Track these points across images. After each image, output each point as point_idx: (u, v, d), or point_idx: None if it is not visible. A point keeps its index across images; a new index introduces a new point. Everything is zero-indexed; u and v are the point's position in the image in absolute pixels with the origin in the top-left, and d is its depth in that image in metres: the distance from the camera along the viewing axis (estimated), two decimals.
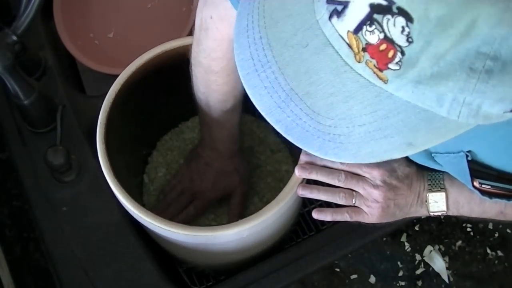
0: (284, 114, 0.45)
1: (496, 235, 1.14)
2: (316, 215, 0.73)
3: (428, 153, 0.69)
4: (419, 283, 1.10)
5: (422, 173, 0.70)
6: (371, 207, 0.69)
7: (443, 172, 0.70)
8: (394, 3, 0.37)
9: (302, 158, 0.73)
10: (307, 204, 0.99)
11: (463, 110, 0.40)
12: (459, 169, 0.62)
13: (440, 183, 0.69)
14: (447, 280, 1.10)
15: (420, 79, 0.39)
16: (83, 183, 0.86)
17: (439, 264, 1.11)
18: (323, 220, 0.74)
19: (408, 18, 0.37)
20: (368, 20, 0.39)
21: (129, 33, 1.06)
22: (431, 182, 0.69)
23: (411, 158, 0.75)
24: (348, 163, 0.70)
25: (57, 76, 0.94)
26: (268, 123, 1.00)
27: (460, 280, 1.11)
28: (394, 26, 0.38)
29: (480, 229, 1.14)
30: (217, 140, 0.85)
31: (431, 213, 0.70)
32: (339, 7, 0.40)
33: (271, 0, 0.45)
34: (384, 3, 0.38)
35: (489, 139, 0.56)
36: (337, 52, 0.42)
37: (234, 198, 0.90)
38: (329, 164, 0.71)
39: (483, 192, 0.61)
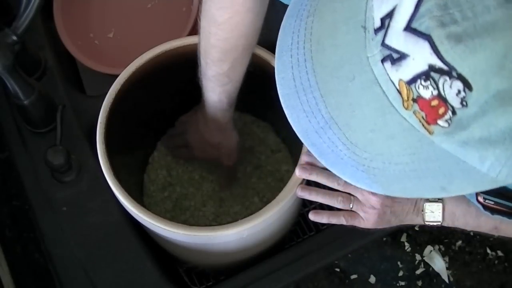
0: (320, 139, 0.45)
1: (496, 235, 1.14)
2: (312, 216, 0.74)
3: None
4: (419, 283, 1.10)
5: None
6: (368, 212, 0.69)
7: None
8: (455, 69, 0.36)
9: (303, 158, 0.73)
10: (307, 204, 0.99)
11: (503, 170, 0.39)
12: None
13: None
14: (447, 280, 1.10)
15: (468, 141, 0.39)
16: (83, 183, 0.86)
17: (439, 264, 1.11)
18: (319, 222, 0.74)
19: (467, 85, 0.36)
20: (424, 75, 0.38)
21: (129, 33, 1.06)
22: None
23: None
24: None
25: (57, 76, 0.94)
26: (268, 123, 1.00)
27: (460, 280, 1.11)
28: (450, 88, 0.37)
29: None
30: (207, 105, 0.80)
31: (426, 223, 0.70)
32: (395, 55, 0.39)
33: (320, 24, 0.44)
34: (445, 68, 0.37)
35: None
36: (384, 93, 0.41)
37: (220, 170, 0.91)
38: None
39: (485, 208, 0.61)
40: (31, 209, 0.86)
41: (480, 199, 0.61)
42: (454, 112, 0.38)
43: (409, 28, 0.38)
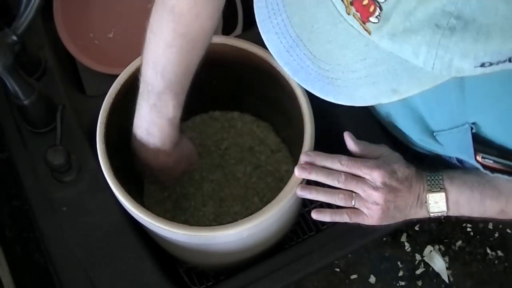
0: (291, 57, 0.51)
1: (496, 235, 1.14)
2: (315, 215, 0.73)
3: (430, 132, 0.70)
4: (419, 283, 1.10)
5: (421, 174, 0.70)
6: (371, 209, 0.69)
7: (442, 172, 0.70)
8: None
9: (302, 158, 0.73)
10: (307, 204, 0.99)
11: (436, 62, 0.44)
12: (462, 144, 0.64)
13: (440, 183, 0.69)
14: (447, 280, 1.10)
15: (394, 32, 0.44)
16: (83, 183, 0.86)
17: (439, 264, 1.11)
18: (322, 220, 0.74)
19: None
20: None
21: (129, 33, 1.06)
22: (431, 182, 0.69)
23: (412, 136, 0.75)
24: (348, 164, 0.70)
25: (57, 76, 0.94)
26: (268, 123, 1.00)
27: (460, 280, 1.11)
28: None
29: (480, 229, 1.14)
30: (158, 129, 0.74)
31: (431, 214, 0.70)
32: None
33: None
34: None
35: (496, 110, 0.57)
36: (334, 5, 0.47)
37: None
38: (329, 165, 0.71)
39: (485, 167, 0.63)
40: (31, 209, 0.86)
41: (479, 158, 0.63)
42: (380, 8, 0.44)
43: None
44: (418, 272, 1.11)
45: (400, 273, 1.11)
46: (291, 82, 0.78)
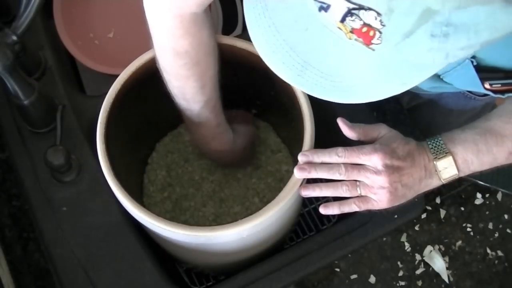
0: (303, 79, 0.56)
1: (496, 235, 1.14)
2: (323, 210, 0.72)
3: (436, 76, 0.71)
4: (419, 283, 1.10)
5: (422, 144, 0.70)
6: (378, 194, 0.68)
7: (441, 136, 0.70)
8: (363, 6, 0.47)
9: (300, 159, 0.72)
10: (307, 204, 0.99)
11: (436, 57, 0.50)
12: (469, 78, 0.68)
13: (443, 148, 0.69)
14: (447, 280, 1.10)
15: (398, 47, 0.49)
16: (83, 183, 0.86)
17: (439, 264, 1.11)
18: (331, 214, 0.72)
19: (377, 13, 0.47)
20: (349, 14, 0.49)
21: (129, 33, 1.06)
22: (434, 150, 0.69)
23: (421, 86, 0.76)
24: (345, 154, 0.69)
25: (57, 76, 0.94)
26: (268, 123, 1.01)
27: (460, 280, 1.11)
28: (369, 16, 0.48)
29: (480, 229, 1.14)
30: (214, 139, 0.85)
31: (444, 181, 0.70)
32: (324, 5, 0.50)
33: None
34: (357, 6, 0.48)
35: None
36: (332, 31, 0.52)
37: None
38: (327, 160, 0.70)
39: (495, 92, 0.66)
40: (31, 209, 0.86)
41: (487, 86, 0.67)
42: (380, 32, 0.48)
43: None
44: (418, 272, 1.11)
45: (400, 273, 1.10)
46: None
